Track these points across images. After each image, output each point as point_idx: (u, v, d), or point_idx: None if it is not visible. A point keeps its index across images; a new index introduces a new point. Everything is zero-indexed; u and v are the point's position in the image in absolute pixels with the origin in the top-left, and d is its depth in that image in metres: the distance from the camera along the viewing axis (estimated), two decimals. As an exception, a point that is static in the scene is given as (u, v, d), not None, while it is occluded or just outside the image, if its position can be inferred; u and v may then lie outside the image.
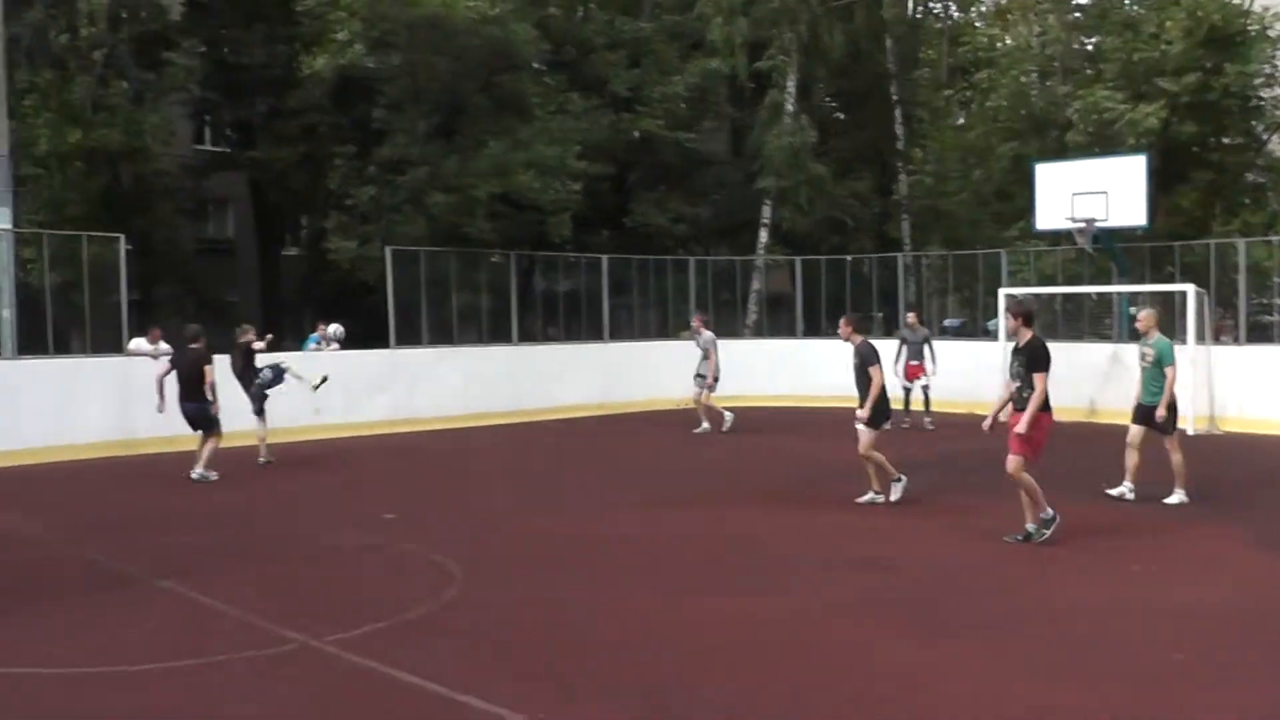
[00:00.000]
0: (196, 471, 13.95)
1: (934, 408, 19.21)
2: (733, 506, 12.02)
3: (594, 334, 23.62)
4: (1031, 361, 9.55)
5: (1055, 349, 9.87)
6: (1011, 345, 10.11)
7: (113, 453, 16.41)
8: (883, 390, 11.55)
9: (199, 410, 14.05)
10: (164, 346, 17.72)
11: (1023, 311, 9.92)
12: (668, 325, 25.02)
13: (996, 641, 7.06)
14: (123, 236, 18.33)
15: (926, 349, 19.21)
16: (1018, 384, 9.70)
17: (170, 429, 15.94)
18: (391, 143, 23.30)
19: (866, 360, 11.56)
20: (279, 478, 14.49)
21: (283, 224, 32.57)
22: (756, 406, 21.84)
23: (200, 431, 14.18)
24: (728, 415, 18.75)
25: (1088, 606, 7.79)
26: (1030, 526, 9.68)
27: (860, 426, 11.56)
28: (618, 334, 24.16)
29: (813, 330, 24.79)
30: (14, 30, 21.01)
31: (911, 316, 19.94)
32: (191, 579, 8.75)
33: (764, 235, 28.35)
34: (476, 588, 8.49)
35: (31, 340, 17.68)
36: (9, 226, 17.58)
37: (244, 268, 32.67)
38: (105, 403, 16.79)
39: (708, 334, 19.01)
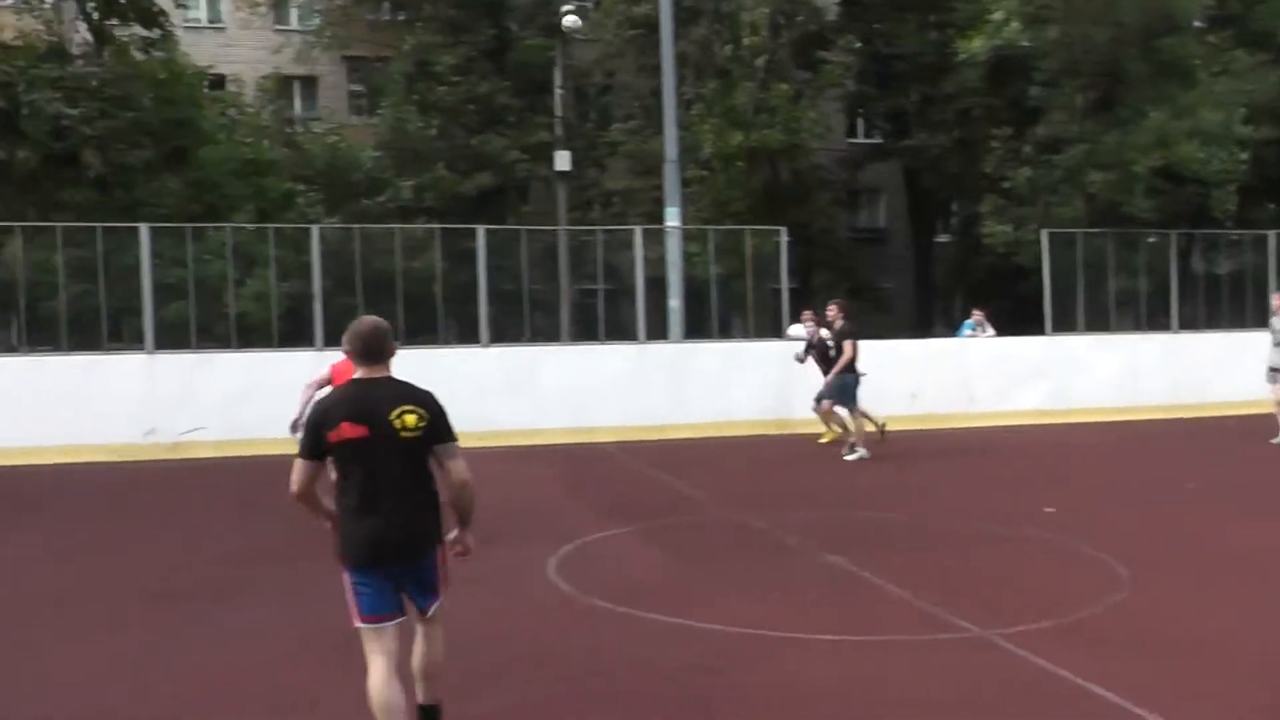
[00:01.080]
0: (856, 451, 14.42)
1: None
2: None
3: (1259, 320, 21.23)
4: None
5: None
6: None
7: (769, 431, 17.17)
8: None
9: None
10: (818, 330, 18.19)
11: None
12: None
13: None
14: (783, 229, 19.13)
15: None
16: None
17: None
18: (1048, 120, 22.57)
19: None
20: (933, 463, 14.39)
21: (935, 210, 32.78)
22: None
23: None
24: None
25: None
26: None
27: None
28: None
29: None
30: (681, 48, 22.68)
31: None
32: (855, 555, 8.77)
33: None
34: (1148, 592, 7.71)
35: (697, 326, 19.08)
36: (677, 224, 19.04)
37: (895, 255, 33.29)
38: (764, 383, 17.61)
39: None
